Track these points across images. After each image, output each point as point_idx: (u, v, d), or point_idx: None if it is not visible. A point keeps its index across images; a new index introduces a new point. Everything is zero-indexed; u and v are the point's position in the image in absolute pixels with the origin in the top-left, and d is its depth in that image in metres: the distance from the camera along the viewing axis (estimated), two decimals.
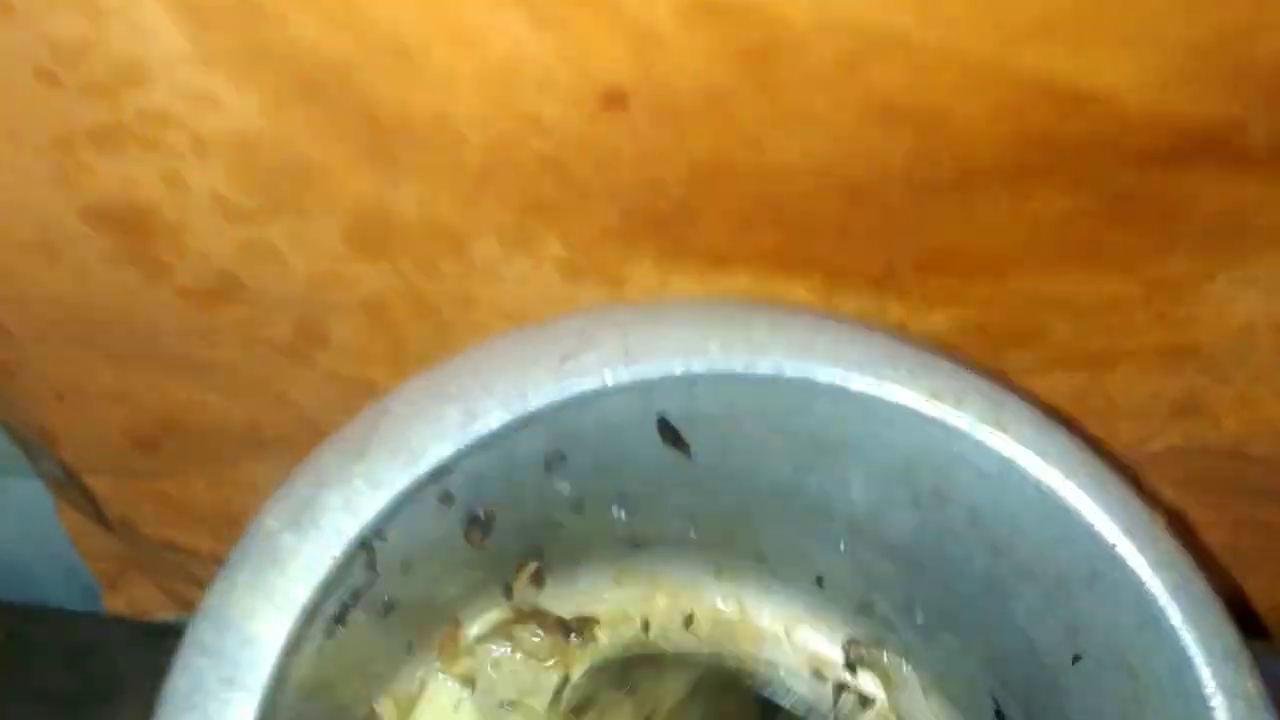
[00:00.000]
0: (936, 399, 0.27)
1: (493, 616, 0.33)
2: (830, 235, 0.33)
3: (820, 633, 0.35)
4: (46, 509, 0.47)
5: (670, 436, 0.29)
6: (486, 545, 0.30)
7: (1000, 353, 0.36)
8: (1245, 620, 0.31)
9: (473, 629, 0.33)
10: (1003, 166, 0.30)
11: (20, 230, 0.34)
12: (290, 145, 0.31)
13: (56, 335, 0.37)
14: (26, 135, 0.31)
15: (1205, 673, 0.26)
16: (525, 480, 0.29)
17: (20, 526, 0.49)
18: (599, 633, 0.34)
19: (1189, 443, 0.39)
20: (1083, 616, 0.28)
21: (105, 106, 0.30)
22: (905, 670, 0.34)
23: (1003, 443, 0.27)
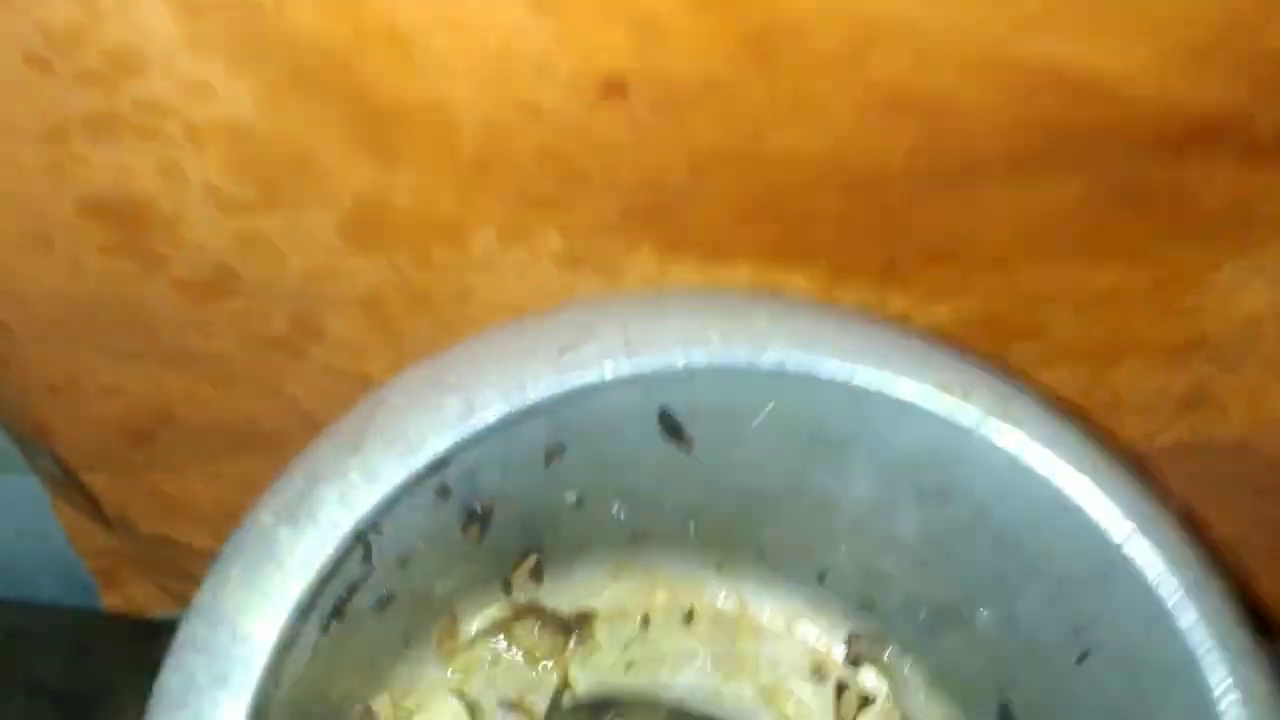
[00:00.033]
0: (944, 391, 0.27)
1: (491, 612, 0.33)
2: (832, 226, 0.32)
3: (821, 629, 0.35)
4: (43, 505, 0.47)
5: (671, 429, 0.29)
6: (485, 540, 0.30)
7: (1004, 346, 0.36)
8: (1252, 618, 0.30)
9: (471, 625, 0.33)
10: (1007, 155, 0.30)
11: (14, 222, 0.34)
12: (286, 135, 0.31)
13: (51, 329, 0.37)
14: (20, 125, 0.31)
15: (1217, 672, 0.25)
16: (524, 473, 0.29)
17: (16, 523, 0.48)
18: (598, 629, 0.34)
19: (1195, 437, 0.39)
20: (1090, 614, 0.28)
21: (100, 95, 0.30)
22: (908, 668, 0.34)
23: (1013, 436, 0.27)
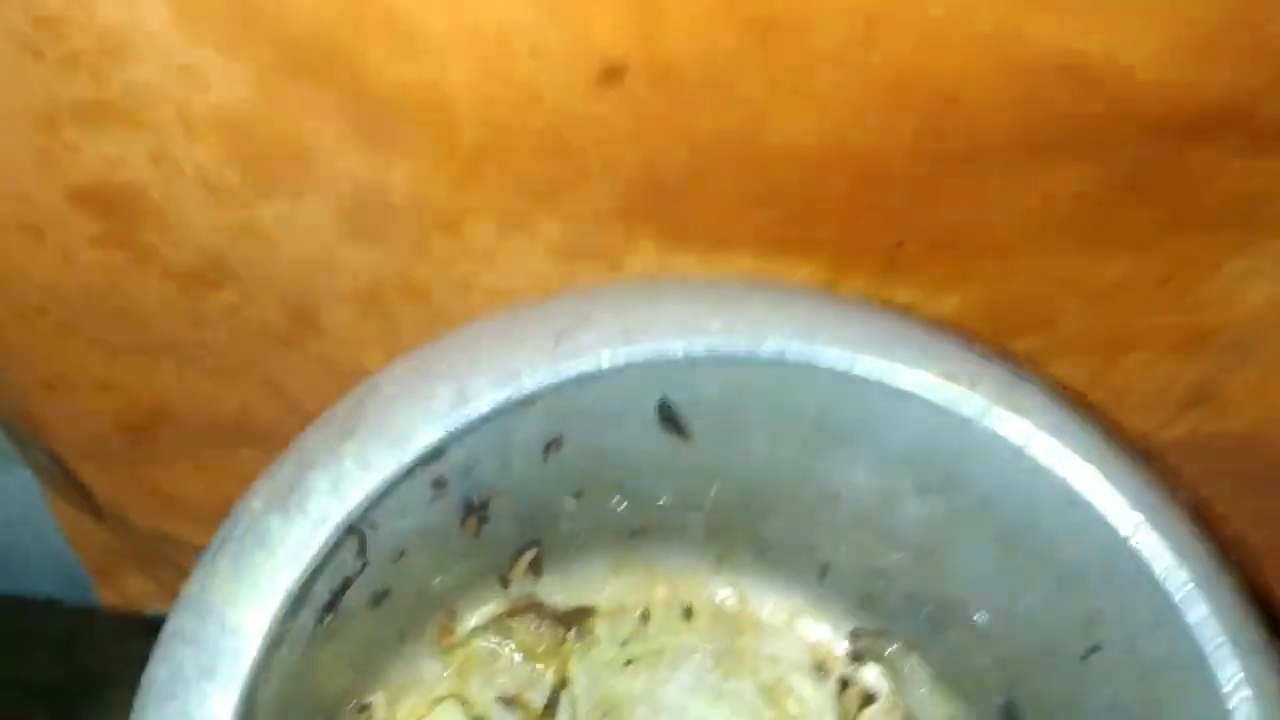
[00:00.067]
0: (947, 380, 0.26)
1: (489, 608, 0.33)
2: (835, 214, 0.32)
3: (823, 625, 0.34)
4: (36, 499, 0.47)
5: (670, 420, 0.29)
6: (482, 534, 0.30)
7: (1010, 337, 0.35)
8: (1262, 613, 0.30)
9: (469, 620, 0.33)
10: (1013, 142, 0.30)
11: (3, 212, 0.33)
12: (280, 122, 0.30)
13: (43, 321, 0.37)
14: (9, 112, 0.30)
15: (1227, 668, 0.25)
16: (522, 466, 0.29)
17: (11, 518, 0.48)
18: (597, 625, 0.34)
19: (1201, 432, 0.39)
20: (1098, 608, 0.28)
21: (90, 81, 0.29)
22: (911, 664, 0.33)
23: (1018, 426, 0.26)
